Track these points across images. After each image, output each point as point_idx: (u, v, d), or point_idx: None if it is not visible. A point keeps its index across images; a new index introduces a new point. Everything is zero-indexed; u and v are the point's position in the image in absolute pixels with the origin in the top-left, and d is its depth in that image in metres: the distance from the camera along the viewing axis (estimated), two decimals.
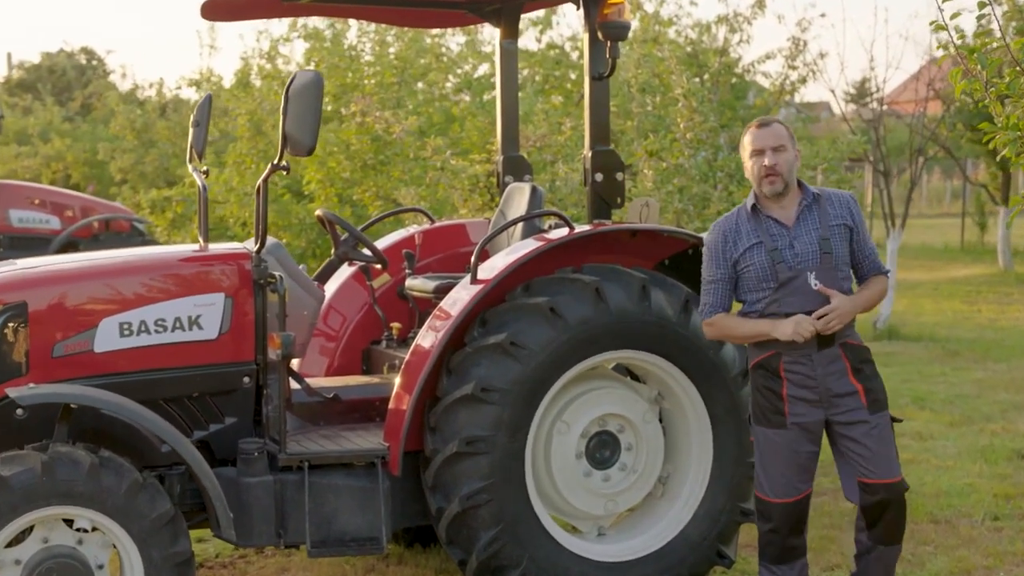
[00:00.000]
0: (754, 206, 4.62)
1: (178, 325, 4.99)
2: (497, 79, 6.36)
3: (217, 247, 5.40)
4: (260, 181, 5.08)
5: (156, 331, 4.97)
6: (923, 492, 7.16)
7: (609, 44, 5.55)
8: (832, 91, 23.15)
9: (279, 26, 18.19)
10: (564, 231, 5.37)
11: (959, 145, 20.37)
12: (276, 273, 5.07)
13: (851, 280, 4.67)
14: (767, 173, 4.55)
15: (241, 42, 51.45)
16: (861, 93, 22.87)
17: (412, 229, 6.47)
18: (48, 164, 22.12)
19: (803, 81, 16.49)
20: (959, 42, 4.74)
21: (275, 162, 4.92)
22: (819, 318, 4.49)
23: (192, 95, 17.95)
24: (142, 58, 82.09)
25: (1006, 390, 10.50)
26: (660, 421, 5.46)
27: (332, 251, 5.72)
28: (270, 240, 5.34)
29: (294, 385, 5.40)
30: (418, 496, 5.19)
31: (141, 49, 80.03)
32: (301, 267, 5.72)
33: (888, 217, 14.08)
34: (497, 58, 6.32)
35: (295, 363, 5.88)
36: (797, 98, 18.15)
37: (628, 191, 8.25)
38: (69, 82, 34.10)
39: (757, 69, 16.90)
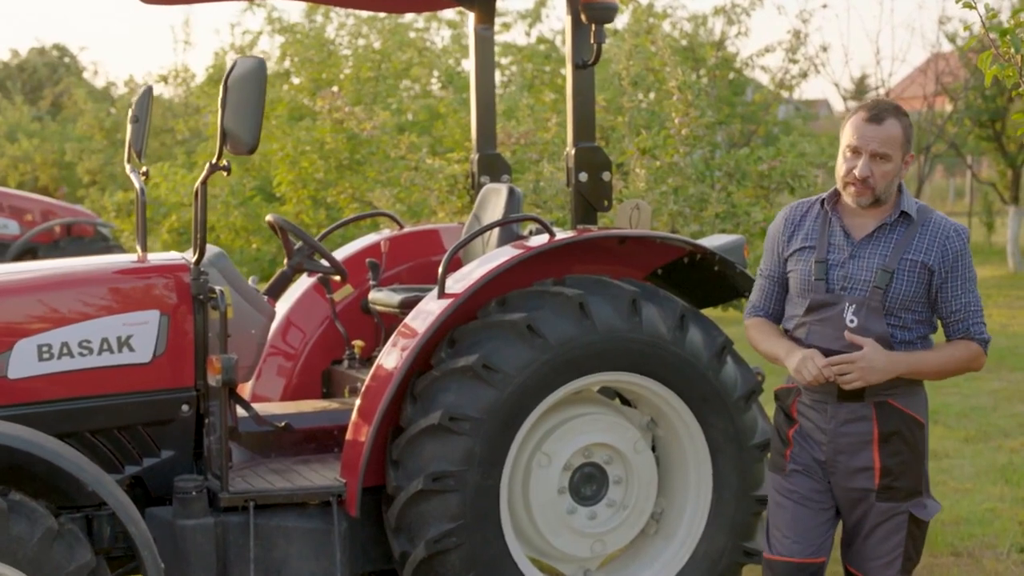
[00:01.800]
0: (826, 201, 3.85)
1: (106, 347, 4.53)
2: (471, 69, 5.97)
3: (156, 257, 4.96)
4: (198, 183, 4.67)
5: (80, 354, 4.50)
6: (941, 519, 6.77)
7: (594, 28, 5.13)
8: (836, 84, 22.75)
9: (254, 20, 17.84)
10: (544, 238, 4.97)
11: (965, 141, 20.05)
12: (218, 287, 4.64)
13: (913, 332, 3.78)
14: (855, 182, 3.70)
15: (217, 37, 51.17)
16: (861, 89, 22.70)
17: (378, 235, 6.05)
18: (15, 166, 21.66)
19: (804, 75, 16.26)
20: (991, 22, 4.25)
21: (212, 162, 4.50)
22: (837, 363, 3.70)
23: (161, 91, 17.55)
24: (116, 55, 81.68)
25: (1023, 402, 10.14)
26: (653, 451, 5.08)
27: (285, 261, 5.25)
28: (212, 249, 4.93)
29: (242, 413, 4.98)
30: (379, 539, 4.78)
31: (115, 46, 79.59)
32: (252, 279, 5.29)
33: None
34: (472, 45, 5.94)
35: (248, 386, 5.51)
36: (796, 95, 17.91)
37: (618, 192, 7.96)
38: (40, 80, 33.65)
39: (756, 63, 16.64)
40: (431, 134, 12.02)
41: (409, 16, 14.64)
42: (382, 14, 13.27)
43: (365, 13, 13.91)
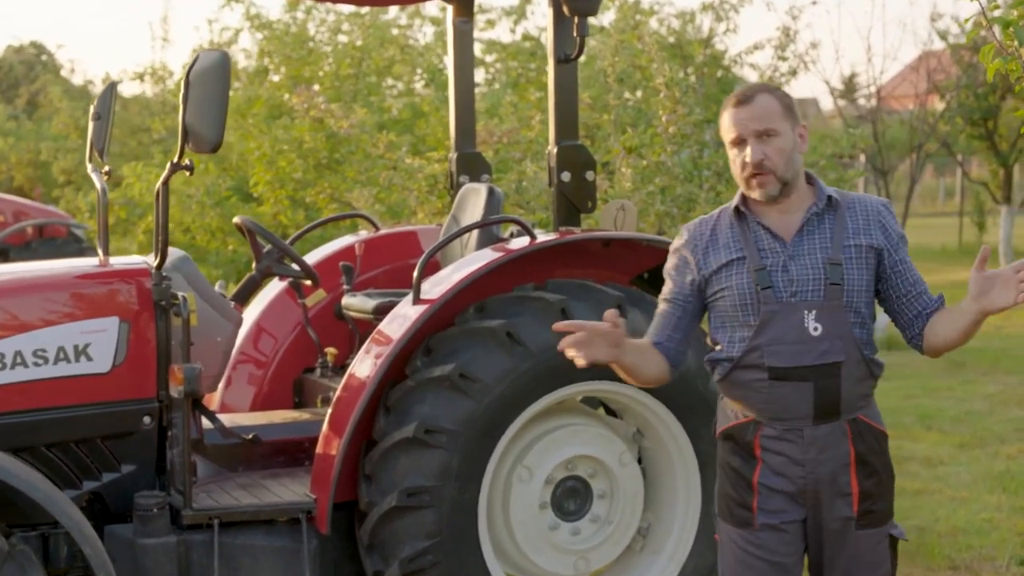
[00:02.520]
0: (739, 208, 3.41)
1: (62, 356, 4.36)
2: (450, 64, 5.83)
3: (119, 261, 4.79)
4: (159, 184, 4.50)
5: (35, 364, 4.33)
6: (938, 531, 6.65)
7: (577, 20, 4.96)
8: (827, 82, 22.72)
9: (232, 16, 17.67)
10: (525, 240, 4.83)
11: (955, 140, 20.01)
12: (180, 293, 4.48)
13: (867, 329, 3.40)
14: (753, 172, 3.31)
15: (196, 35, 50.91)
16: (850, 88, 22.62)
17: (353, 237, 5.91)
18: None
19: (793, 73, 16.10)
20: (993, 13, 4.09)
21: (174, 160, 4.34)
22: None
23: (140, 90, 17.43)
24: (94, 53, 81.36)
25: (1020, 406, 10.03)
26: (639, 463, 4.95)
27: (252, 265, 5.09)
28: (176, 253, 4.78)
29: (208, 424, 4.82)
30: (351, 558, 4.64)
31: (93, 43, 79.26)
32: (219, 284, 5.14)
33: None
34: (450, 40, 5.81)
35: (216, 396, 5.38)
36: (789, 92, 17.79)
37: (603, 192, 7.81)
38: (16, 78, 33.40)
39: (745, 61, 16.50)
40: (413, 133, 11.90)
41: (392, 12, 14.54)
42: (364, 9, 13.16)
43: (347, 9, 13.79)
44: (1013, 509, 7.04)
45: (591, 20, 5.04)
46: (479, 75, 16.56)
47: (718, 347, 3.46)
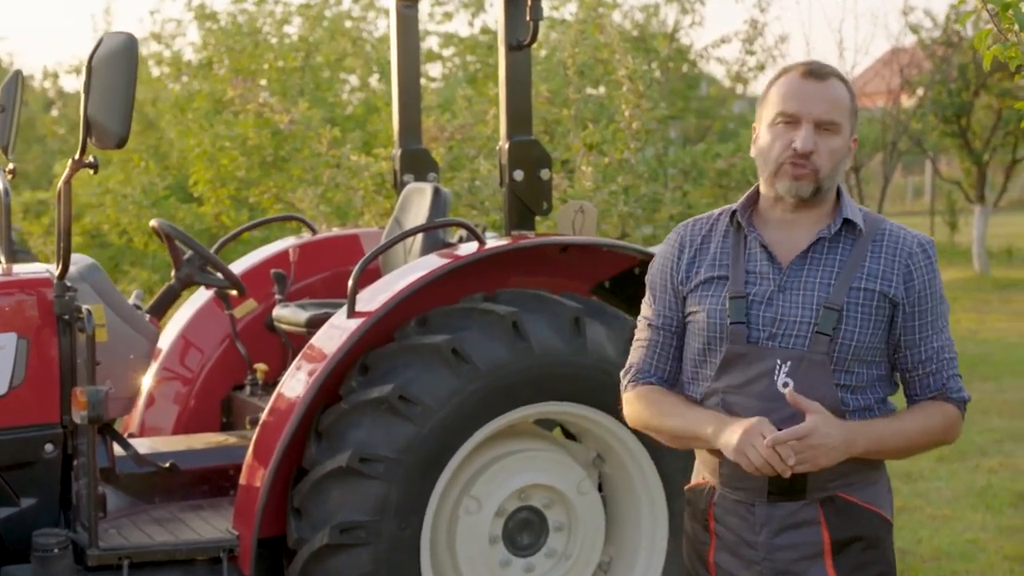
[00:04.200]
0: (739, 212, 2.84)
1: None
2: (393, 53, 5.54)
3: (21, 270, 4.53)
4: (61, 183, 4.23)
5: None
6: (920, 553, 6.43)
7: (530, 3, 4.73)
8: None
9: (175, 7, 17.38)
10: (473, 246, 4.61)
11: (928, 137, 19.99)
12: (86, 306, 4.18)
13: (870, 395, 2.79)
14: (795, 160, 2.72)
15: (141, 27, 50.68)
16: None
17: (287, 241, 5.64)
18: None
19: (762, 68, 16.10)
20: None
21: (75, 157, 4.05)
22: (787, 439, 2.62)
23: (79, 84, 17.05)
24: (34, 46, 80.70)
25: (999, 415, 9.88)
26: (600, 491, 4.77)
27: (172, 274, 4.77)
28: (84, 261, 4.51)
29: (121, 451, 4.57)
30: None
31: (34, 36, 78.48)
32: (135, 295, 4.82)
33: None
34: (392, 26, 5.49)
35: (136, 416, 5.14)
36: (751, 90, 17.82)
37: (563, 192, 7.65)
38: None
39: (711, 55, 16.45)
40: (366, 129, 11.67)
41: (345, 4, 14.38)
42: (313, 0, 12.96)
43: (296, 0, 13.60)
44: (999, 529, 6.87)
45: (552, 13, 4.86)
46: (435, 70, 16.36)
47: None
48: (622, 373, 2.96)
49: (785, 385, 2.68)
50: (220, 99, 11.77)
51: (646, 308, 2.93)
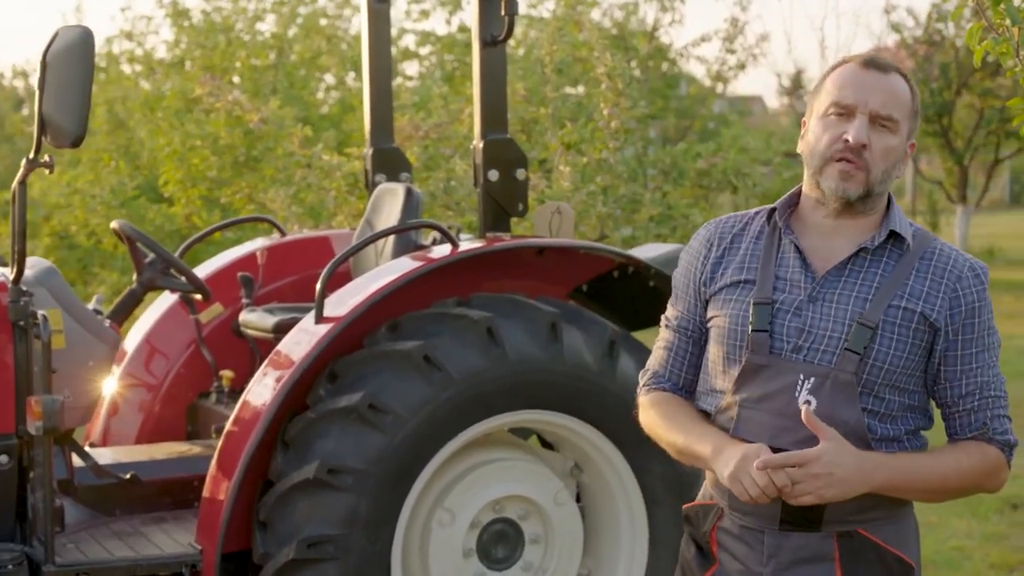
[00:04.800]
0: (778, 212, 2.64)
1: None
2: (364, 49, 5.44)
3: None
4: (15, 183, 4.13)
5: None
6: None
7: None
8: (779, 75, 22.80)
9: (146, 4, 17.23)
10: (446, 248, 4.51)
11: None
12: (41, 312, 4.06)
13: (900, 425, 2.57)
14: (845, 154, 2.50)
15: (112, 24, 50.42)
16: (797, 84, 22.80)
17: (256, 243, 5.57)
18: None
19: (742, 67, 16.13)
20: None
21: (30, 156, 3.96)
22: (782, 463, 2.43)
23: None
24: (5, 44, 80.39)
25: None
26: (578, 502, 4.68)
27: (134, 278, 4.66)
28: (41, 264, 4.41)
29: (79, 462, 4.46)
30: None
31: (4, 34, 78.08)
32: (96, 299, 4.71)
33: None
34: (364, 21, 5.38)
35: (98, 425, 5.03)
36: (730, 90, 17.85)
37: (540, 193, 7.59)
38: None
39: (691, 53, 16.45)
40: (341, 128, 11.58)
41: (320, 2, 14.33)
42: None
43: None
44: (984, 537, 6.81)
45: (530, 11, 4.79)
46: (412, 68, 16.28)
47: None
48: (640, 374, 2.82)
49: (807, 403, 2.48)
50: (191, 97, 11.69)
51: (669, 308, 2.78)
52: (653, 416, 2.70)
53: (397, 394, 4.14)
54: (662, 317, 2.79)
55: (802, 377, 2.49)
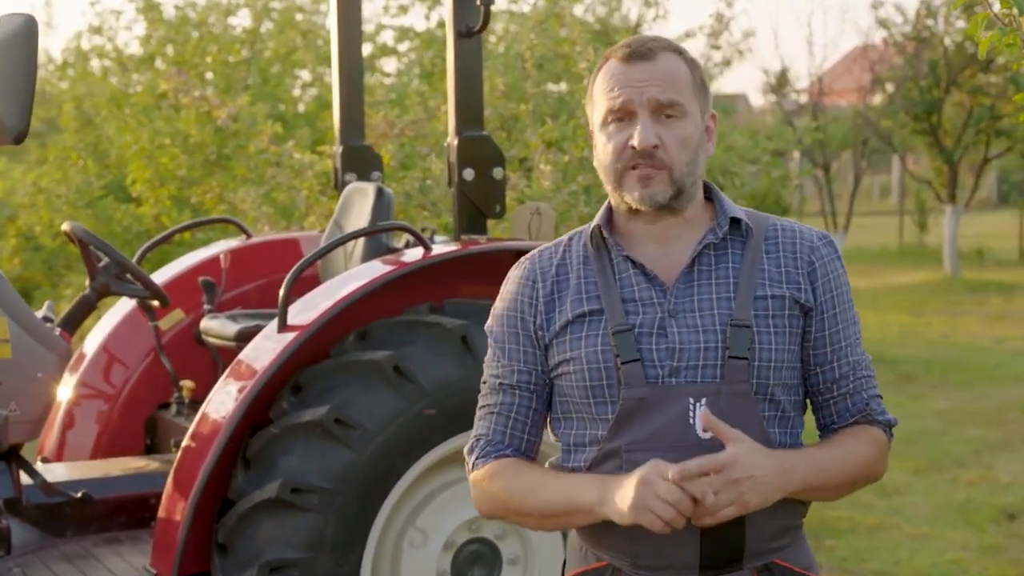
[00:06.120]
0: (600, 230, 2.37)
1: None
2: (333, 40, 5.27)
3: None
4: None
5: None
6: None
7: None
8: (765, 71, 22.69)
9: None
10: (418, 252, 4.32)
11: (897, 135, 19.96)
12: None
13: (793, 426, 2.34)
14: (638, 161, 2.27)
15: (83, 19, 49.99)
16: (782, 82, 22.77)
17: (219, 246, 5.36)
18: None
19: (727, 63, 15.98)
20: None
21: None
22: (699, 470, 2.13)
23: None
24: None
25: (975, 424, 9.75)
26: None
27: (86, 283, 4.45)
28: None
29: (27, 479, 4.28)
30: None
31: None
32: (46, 306, 4.51)
33: (831, 216, 13.21)
34: (333, 12, 5.24)
35: (52, 439, 4.89)
36: (714, 88, 17.73)
37: (520, 192, 7.38)
38: None
39: None
40: (316, 126, 11.37)
41: None
42: None
43: None
44: (981, 549, 6.67)
45: (511, 6, 4.63)
46: (390, 65, 16.10)
47: (557, 442, 2.40)
48: (466, 450, 2.43)
49: (706, 430, 2.18)
50: (158, 92, 11.51)
51: (493, 367, 2.40)
52: (500, 486, 2.34)
53: (366, 407, 3.96)
54: (482, 381, 2.43)
55: (691, 401, 2.21)
